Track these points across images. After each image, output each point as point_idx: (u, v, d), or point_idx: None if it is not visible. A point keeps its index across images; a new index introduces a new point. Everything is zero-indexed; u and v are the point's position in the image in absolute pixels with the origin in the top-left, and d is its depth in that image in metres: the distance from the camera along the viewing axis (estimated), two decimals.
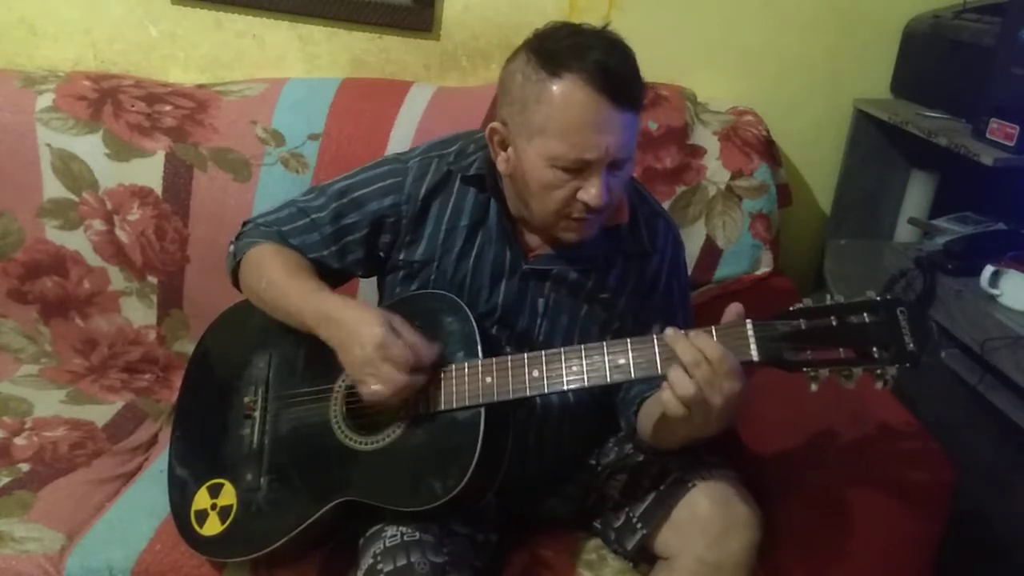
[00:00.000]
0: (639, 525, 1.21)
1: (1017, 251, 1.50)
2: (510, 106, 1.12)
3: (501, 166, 1.17)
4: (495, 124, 1.15)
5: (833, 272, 1.91)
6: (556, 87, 1.06)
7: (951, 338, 1.53)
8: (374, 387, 1.09)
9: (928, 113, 1.76)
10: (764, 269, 1.81)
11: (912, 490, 1.20)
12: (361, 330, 1.10)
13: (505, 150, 1.16)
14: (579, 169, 1.09)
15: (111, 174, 1.66)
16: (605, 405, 1.31)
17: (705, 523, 1.14)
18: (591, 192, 1.10)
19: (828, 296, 1.03)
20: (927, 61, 1.81)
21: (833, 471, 1.24)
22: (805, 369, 1.00)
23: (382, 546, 1.12)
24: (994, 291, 1.48)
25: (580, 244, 1.20)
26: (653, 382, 1.18)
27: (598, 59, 1.05)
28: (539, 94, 1.07)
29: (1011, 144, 1.48)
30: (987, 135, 1.53)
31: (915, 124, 1.71)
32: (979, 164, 1.50)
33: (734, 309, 1.04)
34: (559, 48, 1.07)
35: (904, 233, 1.91)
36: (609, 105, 1.06)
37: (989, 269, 1.48)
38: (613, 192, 1.13)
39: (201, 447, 1.30)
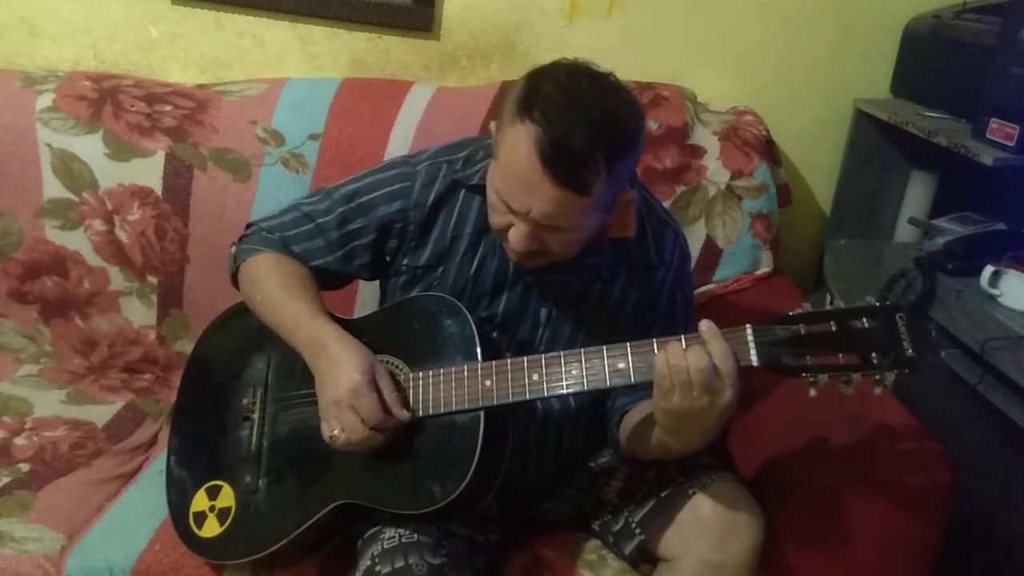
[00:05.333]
0: (637, 531, 1.21)
1: (1017, 251, 1.49)
2: (500, 118, 1.09)
3: None
4: (493, 124, 1.13)
5: (833, 272, 1.90)
6: (515, 129, 1.03)
7: (951, 338, 1.53)
8: (334, 431, 1.10)
9: (928, 113, 1.76)
10: (764, 269, 1.80)
11: (912, 491, 1.19)
12: (339, 370, 1.10)
13: None
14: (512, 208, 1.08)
15: (111, 174, 1.66)
16: (604, 409, 1.31)
17: (708, 525, 1.14)
18: (512, 235, 1.09)
19: (828, 297, 1.03)
20: (927, 61, 1.81)
21: (833, 472, 1.24)
22: (805, 374, 1.01)
23: (380, 547, 1.12)
24: (994, 291, 1.47)
25: (582, 254, 1.18)
26: (639, 391, 1.19)
27: (558, 128, 1.00)
28: (507, 125, 1.05)
29: (1011, 144, 1.48)
30: (987, 135, 1.53)
31: (915, 124, 1.70)
32: (979, 164, 1.50)
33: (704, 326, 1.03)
34: (541, 93, 1.02)
35: (904, 233, 1.90)
36: (543, 173, 1.01)
37: (989, 269, 1.47)
38: (551, 246, 1.10)
39: (199, 449, 1.30)
